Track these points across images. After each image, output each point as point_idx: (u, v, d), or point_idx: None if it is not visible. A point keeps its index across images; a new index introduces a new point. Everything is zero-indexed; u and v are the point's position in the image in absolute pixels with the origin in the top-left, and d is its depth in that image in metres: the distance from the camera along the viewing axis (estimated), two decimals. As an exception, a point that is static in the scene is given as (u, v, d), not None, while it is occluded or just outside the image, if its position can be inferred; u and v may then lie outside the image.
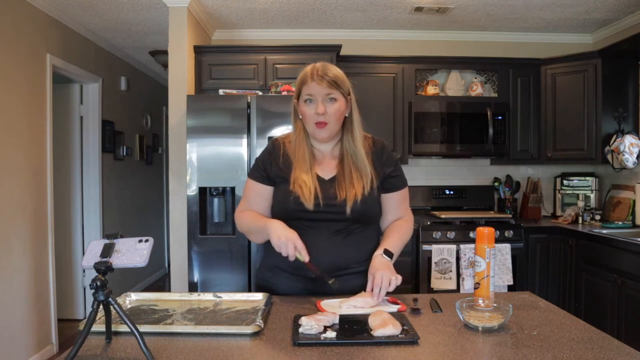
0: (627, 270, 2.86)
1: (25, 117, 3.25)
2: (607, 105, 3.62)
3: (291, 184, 1.53)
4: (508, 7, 3.56)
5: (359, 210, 1.52)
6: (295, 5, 3.54)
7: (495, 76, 3.96)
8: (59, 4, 3.46)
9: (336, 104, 1.51)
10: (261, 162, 1.64)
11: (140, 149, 5.51)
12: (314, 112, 1.51)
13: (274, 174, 1.60)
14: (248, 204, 1.64)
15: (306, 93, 1.52)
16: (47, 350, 3.47)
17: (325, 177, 1.57)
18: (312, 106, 1.52)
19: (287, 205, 1.53)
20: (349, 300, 1.41)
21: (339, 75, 1.53)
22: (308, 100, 1.52)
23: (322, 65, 1.53)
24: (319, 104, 1.50)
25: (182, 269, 3.27)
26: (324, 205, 1.51)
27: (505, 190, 4.06)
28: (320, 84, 1.49)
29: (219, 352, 1.08)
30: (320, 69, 1.52)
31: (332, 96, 1.50)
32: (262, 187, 1.62)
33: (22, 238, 3.21)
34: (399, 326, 1.17)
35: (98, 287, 1.06)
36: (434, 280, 3.34)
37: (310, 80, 1.50)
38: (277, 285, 1.61)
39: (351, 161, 1.55)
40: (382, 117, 3.77)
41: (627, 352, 1.06)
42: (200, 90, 3.51)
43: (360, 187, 1.52)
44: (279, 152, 1.61)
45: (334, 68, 1.55)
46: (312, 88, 1.50)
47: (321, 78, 1.49)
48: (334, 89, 1.50)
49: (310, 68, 1.53)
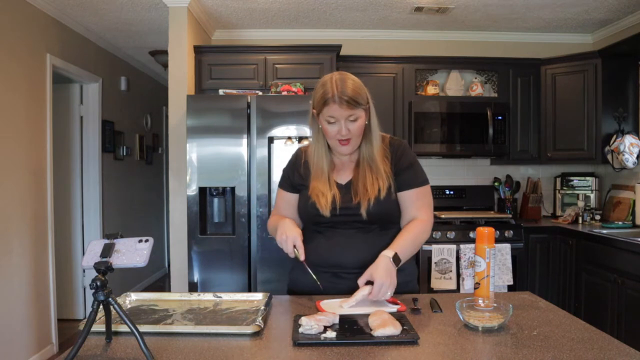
0: (627, 270, 2.86)
1: (25, 117, 3.25)
2: (607, 105, 3.62)
3: (310, 191, 1.60)
4: (508, 7, 3.56)
5: (373, 213, 1.54)
6: (295, 5, 3.54)
7: (495, 76, 3.96)
8: (59, 4, 3.46)
9: (358, 122, 1.52)
10: (286, 172, 1.73)
11: (140, 149, 5.51)
12: (336, 131, 1.52)
13: (296, 182, 1.68)
14: (277, 210, 1.74)
15: (328, 115, 1.50)
16: (47, 350, 3.47)
17: (342, 182, 1.62)
18: (334, 127, 1.52)
19: (307, 210, 1.61)
20: (348, 300, 1.41)
21: (358, 89, 1.50)
22: (330, 120, 1.52)
23: (341, 82, 1.49)
24: (342, 127, 1.51)
25: (182, 269, 3.27)
26: (340, 209, 1.56)
27: (505, 190, 4.06)
28: (341, 106, 1.48)
29: (219, 352, 1.08)
30: (340, 87, 1.48)
31: (353, 117, 1.51)
32: (288, 194, 1.70)
33: (22, 238, 3.21)
34: (399, 326, 1.17)
35: (98, 287, 1.06)
36: (434, 280, 3.34)
37: (331, 102, 1.48)
38: (305, 281, 1.59)
39: (367, 165, 1.58)
40: (382, 117, 3.67)
41: (627, 352, 1.06)
42: (200, 90, 3.51)
43: (375, 189, 1.54)
44: (301, 162, 1.68)
45: (352, 81, 1.51)
46: (334, 110, 1.49)
47: (342, 100, 1.47)
48: (354, 109, 1.49)
49: (330, 86, 1.49)
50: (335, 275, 1.58)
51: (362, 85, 1.54)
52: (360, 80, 1.54)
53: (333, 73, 1.56)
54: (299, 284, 1.66)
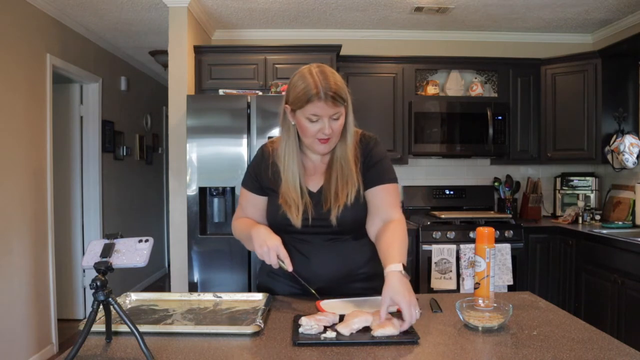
0: (627, 270, 2.86)
1: (25, 117, 3.25)
2: (607, 105, 3.62)
3: (280, 199, 1.48)
4: (508, 7, 3.56)
5: (344, 219, 1.47)
6: (295, 5, 3.54)
7: (495, 76, 3.96)
8: (59, 4, 3.46)
9: (340, 119, 1.42)
10: (253, 171, 1.58)
11: (140, 149, 5.51)
12: (317, 130, 1.40)
13: (265, 184, 1.55)
14: (243, 212, 1.61)
15: (312, 112, 1.38)
16: (47, 350, 3.47)
17: (313, 190, 1.51)
18: (316, 125, 1.40)
19: (276, 220, 1.51)
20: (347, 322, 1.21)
21: (340, 84, 1.40)
22: (312, 119, 1.40)
23: (323, 75, 1.38)
24: (325, 125, 1.39)
25: (182, 269, 3.27)
26: (313, 219, 1.48)
27: (505, 190, 4.06)
28: (327, 103, 1.36)
29: (219, 352, 1.08)
30: (324, 82, 1.36)
31: (337, 115, 1.41)
32: (256, 197, 1.57)
33: (22, 238, 3.21)
34: (399, 326, 1.17)
35: (98, 287, 1.06)
36: (434, 280, 3.34)
37: (316, 99, 1.36)
38: (277, 289, 1.60)
39: (339, 168, 1.48)
40: (382, 117, 3.77)
41: (627, 352, 1.06)
42: (200, 90, 3.51)
43: (345, 195, 1.46)
44: (268, 162, 1.54)
45: (333, 75, 1.41)
46: (319, 108, 1.37)
47: (327, 97, 1.36)
48: (339, 106, 1.39)
49: (312, 80, 1.37)
50: None
51: (342, 80, 1.44)
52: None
53: (310, 65, 1.43)
54: (270, 292, 1.54)
